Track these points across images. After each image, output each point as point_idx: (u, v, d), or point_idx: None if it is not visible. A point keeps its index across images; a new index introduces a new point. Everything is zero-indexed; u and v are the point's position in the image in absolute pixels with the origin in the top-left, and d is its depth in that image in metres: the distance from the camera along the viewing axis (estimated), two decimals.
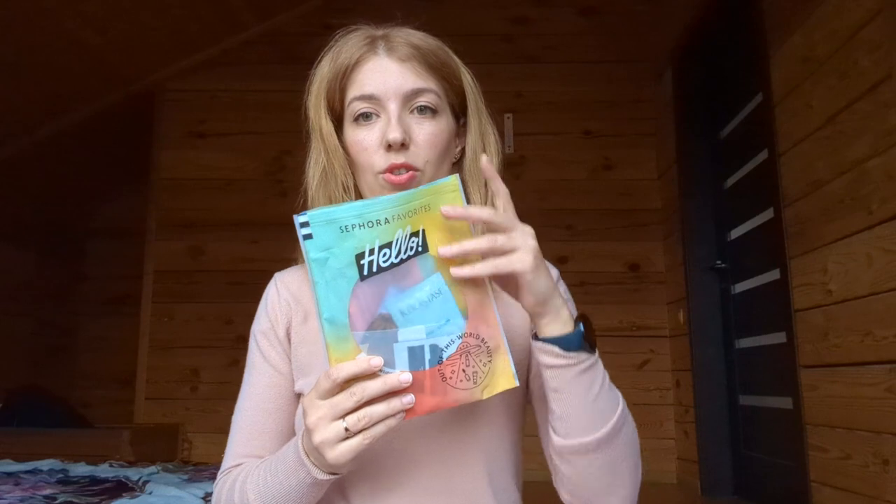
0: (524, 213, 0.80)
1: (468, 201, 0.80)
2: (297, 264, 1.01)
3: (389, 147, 0.89)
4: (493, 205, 0.87)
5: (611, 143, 3.83)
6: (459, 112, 0.97)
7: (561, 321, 0.79)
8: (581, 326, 0.80)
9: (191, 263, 3.86)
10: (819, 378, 2.14)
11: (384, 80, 0.91)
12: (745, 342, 2.97)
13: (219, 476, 0.96)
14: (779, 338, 2.49)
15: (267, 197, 3.79)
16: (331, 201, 0.94)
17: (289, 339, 0.97)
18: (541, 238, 0.78)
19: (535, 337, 0.81)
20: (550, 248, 1.05)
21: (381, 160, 0.90)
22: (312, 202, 0.96)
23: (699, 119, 3.33)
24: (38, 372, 4.51)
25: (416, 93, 0.91)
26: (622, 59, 3.86)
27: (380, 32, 0.94)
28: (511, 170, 3.75)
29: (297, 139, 1.01)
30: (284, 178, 3.77)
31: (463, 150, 0.98)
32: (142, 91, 4.03)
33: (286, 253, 1.00)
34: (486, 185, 0.94)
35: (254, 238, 3.70)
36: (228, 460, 0.96)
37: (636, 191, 3.78)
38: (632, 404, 0.86)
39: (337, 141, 0.95)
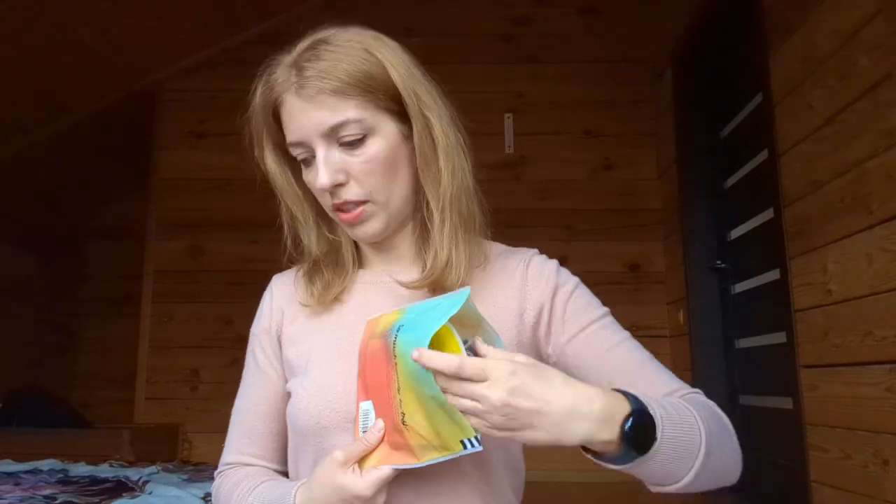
0: (524, 213, 0.80)
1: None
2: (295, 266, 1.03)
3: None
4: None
5: (611, 143, 3.83)
6: (403, 109, 0.89)
7: (598, 438, 0.70)
8: (628, 428, 0.70)
9: (191, 263, 3.86)
10: (819, 378, 2.14)
11: (300, 124, 0.87)
12: (745, 342, 2.97)
13: (219, 468, 0.99)
14: (779, 338, 2.48)
15: (267, 197, 3.74)
16: (303, 235, 0.97)
17: (280, 342, 0.98)
18: (541, 238, 0.78)
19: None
20: (550, 249, 1.05)
21: (327, 201, 0.91)
22: (294, 241, 0.99)
23: (699, 119, 3.33)
24: (38, 372, 4.51)
25: (335, 128, 0.86)
26: (622, 59, 3.86)
27: (292, 65, 0.88)
28: (511, 170, 3.75)
29: None
30: None
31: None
32: (142, 91, 4.02)
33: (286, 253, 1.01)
34: (437, 182, 0.89)
35: (254, 238, 3.70)
36: (226, 456, 0.98)
37: (636, 191, 3.78)
38: None
39: (283, 180, 0.97)
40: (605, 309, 0.94)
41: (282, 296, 1.00)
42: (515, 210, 3.58)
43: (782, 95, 2.36)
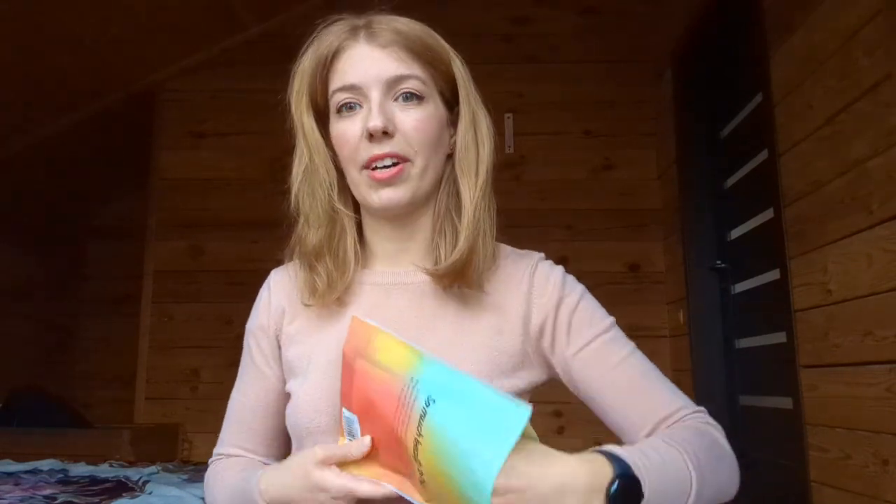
0: (524, 213, 0.80)
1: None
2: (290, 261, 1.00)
3: (371, 137, 0.85)
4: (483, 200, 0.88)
5: (611, 143, 3.83)
6: (451, 101, 0.92)
7: None
8: (613, 493, 0.69)
9: (191, 263, 3.86)
10: (819, 378, 2.14)
11: (365, 69, 0.86)
12: (745, 342, 2.97)
13: (213, 457, 1.01)
14: (779, 338, 2.48)
15: (267, 197, 3.77)
16: (315, 199, 0.91)
17: (278, 340, 0.97)
18: (541, 238, 0.78)
19: None
20: (550, 249, 1.04)
21: (363, 152, 0.86)
22: (295, 199, 0.94)
23: (699, 119, 3.33)
24: (38, 372, 4.51)
25: (399, 79, 0.86)
26: (622, 59, 3.86)
27: (361, 21, 0.90)
28: (511, 170, 3.75)
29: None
30: (284, 178, 3.74)
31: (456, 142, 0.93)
32: (142, 91, 4.02)
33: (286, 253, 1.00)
34: (475, 172, 0.90)
35: (254, 238, 3.70)
36: (219, 447, 1.01)
37: (636, 191, 3.78)
38: None
39: (319, 136, 0.91)
40: (611, 319, 0.93)
41: (281, 292, 0.98)
42: (515, 210, 3.58)
43: (782, 95, 2.35)
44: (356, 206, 0.95)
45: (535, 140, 3.82)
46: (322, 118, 0.92)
